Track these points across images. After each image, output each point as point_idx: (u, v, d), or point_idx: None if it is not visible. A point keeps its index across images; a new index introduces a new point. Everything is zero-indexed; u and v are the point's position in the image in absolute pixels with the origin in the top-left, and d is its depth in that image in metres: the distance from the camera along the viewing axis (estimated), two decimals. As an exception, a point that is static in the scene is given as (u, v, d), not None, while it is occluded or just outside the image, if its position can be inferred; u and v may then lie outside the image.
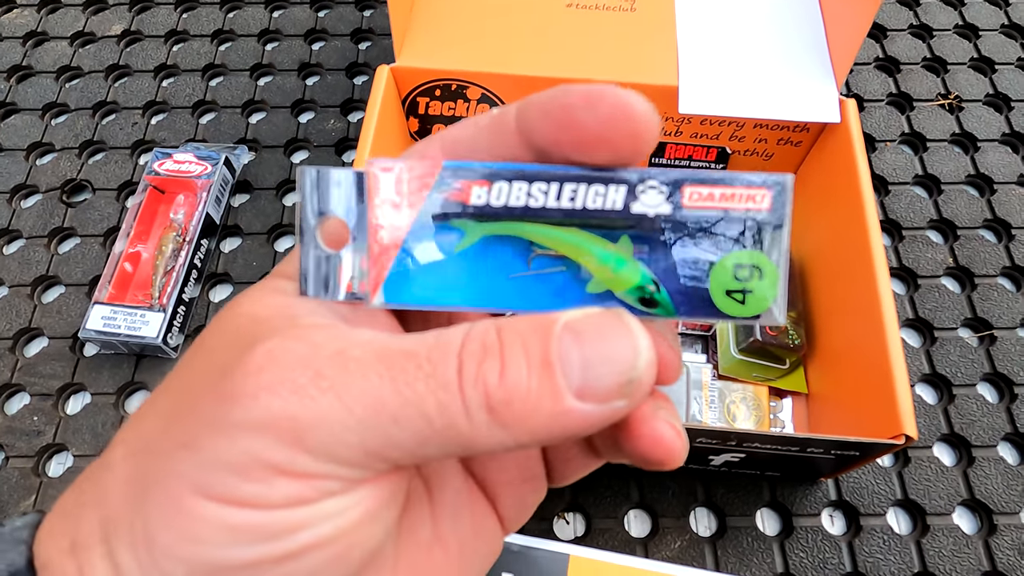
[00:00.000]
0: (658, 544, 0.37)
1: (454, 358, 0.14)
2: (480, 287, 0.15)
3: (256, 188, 0.49)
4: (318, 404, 0.13)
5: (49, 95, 0.53)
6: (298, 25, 0.57)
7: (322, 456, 0.13)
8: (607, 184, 0.15)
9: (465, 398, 0.13)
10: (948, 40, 0.56)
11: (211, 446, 0.13)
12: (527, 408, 0.13)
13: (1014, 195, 0.48)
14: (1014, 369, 0.42)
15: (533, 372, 0.13)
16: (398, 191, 0.15)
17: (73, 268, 0.46)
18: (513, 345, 0.14)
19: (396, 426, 0.13)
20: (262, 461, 0.13)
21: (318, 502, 0.14)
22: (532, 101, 0.15)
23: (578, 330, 0.14)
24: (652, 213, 0.15)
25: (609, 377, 0.14)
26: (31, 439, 0.40)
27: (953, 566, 0.36)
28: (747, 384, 0.41)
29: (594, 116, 0.14)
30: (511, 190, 0.15)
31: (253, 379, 0.13)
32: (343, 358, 0.14)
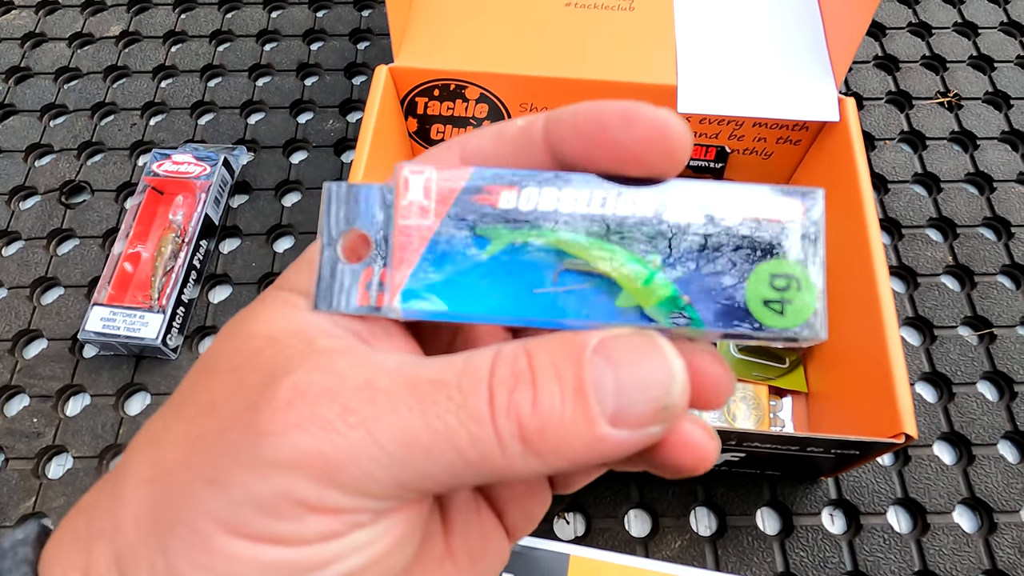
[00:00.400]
0: (658, 544, 0.37)
1: (484, 387, 0.13)
2: (503, 300, 0.15)
3: (255, 189, 0.49)
4: (348, 440, 0.13)
5: (48, 96, 0.53)
6: (296, 25, 0.57)
7: (353, 491, 0.13)
8: (637, 192, 0.15)
9: (498, 429, 0.13)
10: (947, 38, 0.56)
11: (241, 484, 0.13)
12: (561, 437, 0.13)
13: (1013, 193, 0.48)
14: (1014, 367, 0.42)
15: (567, 399, 0.13)
16: (426, 195, 0.15)
17: (72, 269, 0.46)
18: (545, 371, 0.13)
19: (428, 460, 0.13)
20: (293, 499, 0.13)
21: (349, 535, 0.14)
22: (562, 117, 0.15)
23: (611, 353, 0.14)
24: (684, 222, 0.15)
25: (644, 403, 0.13)
26: (31, 441, 0.40)
27: (953, 565, 0.36)
28: (747, 383, 0.41)
29: (630, 135, 0.14)
30: (540, 196, 0.15)
31: (282, 416, 0.13)
32: (371, 390, 0.13)
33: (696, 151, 0.45)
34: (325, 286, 0.15)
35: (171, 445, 0.14)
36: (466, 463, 0.13)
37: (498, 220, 0.15)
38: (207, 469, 0.13)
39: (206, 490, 0.13)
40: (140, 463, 0.14)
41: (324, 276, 0.15)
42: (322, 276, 0.15)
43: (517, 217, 0.15)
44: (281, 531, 0.13)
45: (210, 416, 0.14)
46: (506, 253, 0.15)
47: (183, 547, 0.13)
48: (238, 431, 0.13)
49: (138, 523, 0.13)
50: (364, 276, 0.15)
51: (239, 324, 0.15)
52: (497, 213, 0.15)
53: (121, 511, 0.14)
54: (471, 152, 0.16)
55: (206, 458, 0.13)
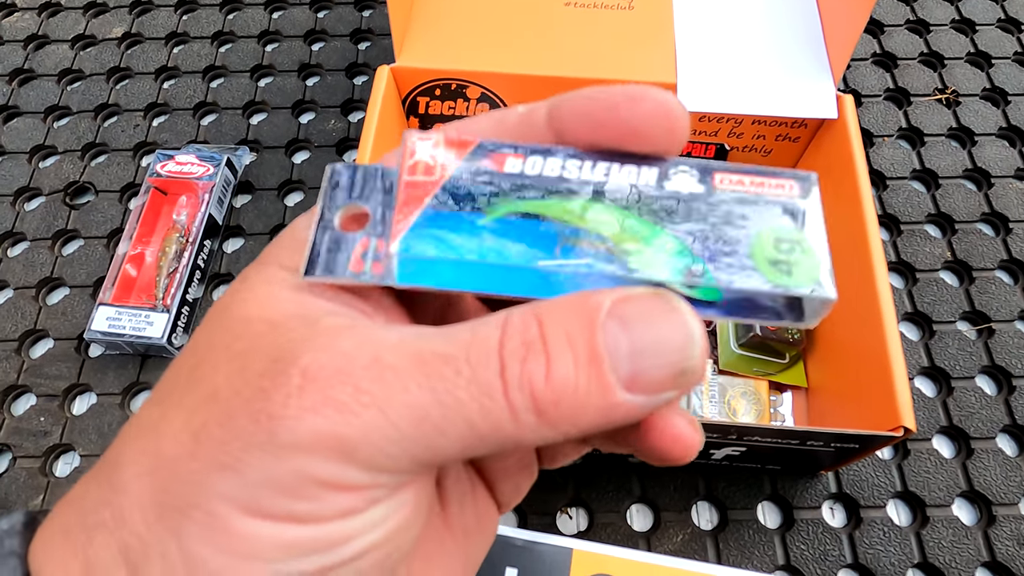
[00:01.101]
0: (660, 538, 0.37)
1: (495, 358, 0.13)
2: (502, 272, 0.14)
3: (258, 189, 0.50)
4: (362, 420, 0.13)
5: (51, 98, 0.54)
6: (298, 26, 0.57)
7: (370, 468, 0.13)
8: (639, 165, 0.15)
9: (511, 402, 0.13)
10: (945, 35, 0.56)
11: (258, 467, 0.13)
12: (576, 405, 0.13)
13: (1011, 189, 0.49)
14: (1012, 361, 0.42)
15: (581, 367, 0.13)
16: (433, 157, 0.15)
17: (77, 270, 0.46)
18: (557, 339, 0.13)
19: (440, 434, 0.13)
20: (312, 479, 0.13)
21: (367, 510, 0.14)
22: (565, 102, 0.16)
23: (625, 316, 0.13)
24: (685, 191, 0.15)
25: (661, 368, 0.13)
26: (38, 440, 0.40)
27: (953, 557, 0.37)
28: (747, 379, 0.41)
29: (635, 113, 0.15)
30: (545, 163, 0.15)
31: (295, 400, 0.13)
32: (379, 367, 0.13)
33: (695, 149, 0.45)
34: (318, 253, 0.15)
35: (171, 435, 0.14)
36: (478, 436, 0.13)
37: (502, 183, 0.15)
38: (217, 455, 0.13)
39: (218, 474, 0.13)
40: (138, 454, 0.14)
41: (318, 243, 0.15)
42: (316, 243, 0.15)
43: (521, 182, 0.15)
44: (301, 510, 0.13)
45: (212, 405, 0.14)
46: (506, 225, 0.15)
47: (198, 530, 0.13)
48: (248, 418, 0.13)
49: (144, 513, 0.13)
50: (360, 246, 0.15)
51: (231, 308, 0.15)
52: (502, 176, 0.15)
53: (122, 502, 0.14)
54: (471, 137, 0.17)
55: (213, 445, 0.13)
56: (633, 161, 0.15)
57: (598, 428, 0.13)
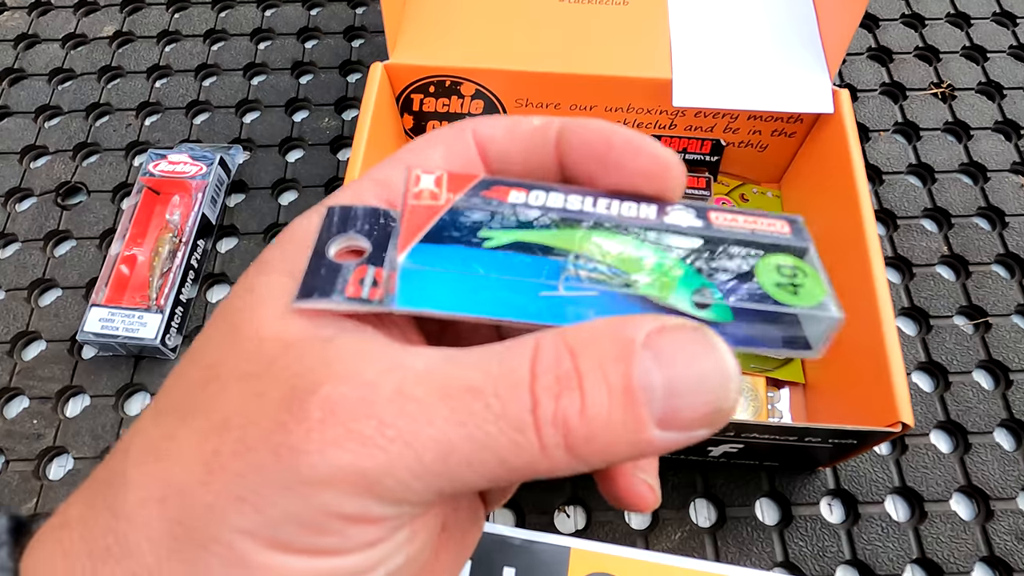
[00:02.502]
0: (658, 536, 0.37)
1: (526, 394, 0.13)
2: (506, 300, 0.14)
3: (252, 188, 0.49)
4: (387, 455, 0.13)
5: (42, 98, 0.53)
6: (290, 23, 0.57)
7: (393, 502, 0.13)
8: (638, 202, 0.16)
9: (543, 438, 0.13)
10: (940, 29, 0.56)
11: (278, 503, 0.13)
12: (608, 441, 0.13)
13: (1007, 183, 0.49)
14: (1009, 356, 0.42)
15: (615, 403, 0.13)
16: (437, 185, 0.16)
17: (69, 271, 0.46)
18: (592, 374, 0.13)
19: (469, 470, 0.13)
20: (336, 514, 0.13)
21: (390, 538, 0.14)
22: (576, 130, 0.16)
23: (661, 351, 0.13)
24: (684, 225, 0.15)
25: (697, 407, 0.13)
26: (31, 442, 0.40)
27: (951, 552, 0.37)
28: (745, 375, 0.41)
29: (634, 164, 0.15)
30: (548, 197, 0.16)
31: (317, 434, 0.13)
32: (403, 399, 0.13)
33: (691, 144, 0.45)
34: (312, 279, 0.15)
35: (181, 461, 0.13)
36: (509, 470, 0.13)
37: (505, 211, 0.15)
38: (233, 487, 0.13)
39: (235, 507, 0.13)
40: (145, 478, 0.14)
41: (312, 270, 0.15)
42: (311, 270, 0.15)
43: (523, 214, 0.15)
44: (326, 544, 0.13)
45: (225, 432, 0.13)
46: (509, 255, 0.15)
47: (218, 564, 0.13)
48: (267, 451, 0.13)
49: (154, 544, 0.13)
50: (356, 273, 0.15)
51: (240, 324, 0.15)
52: (504, 206, 0.15)
53: (128, 531, 0.13)
54: (484, 139, 0.17)
55: (229, 476, 0.13)
56: (632, 199, 0.16)
57: (626, 461, 0.13)
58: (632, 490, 0.16)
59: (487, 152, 0.17)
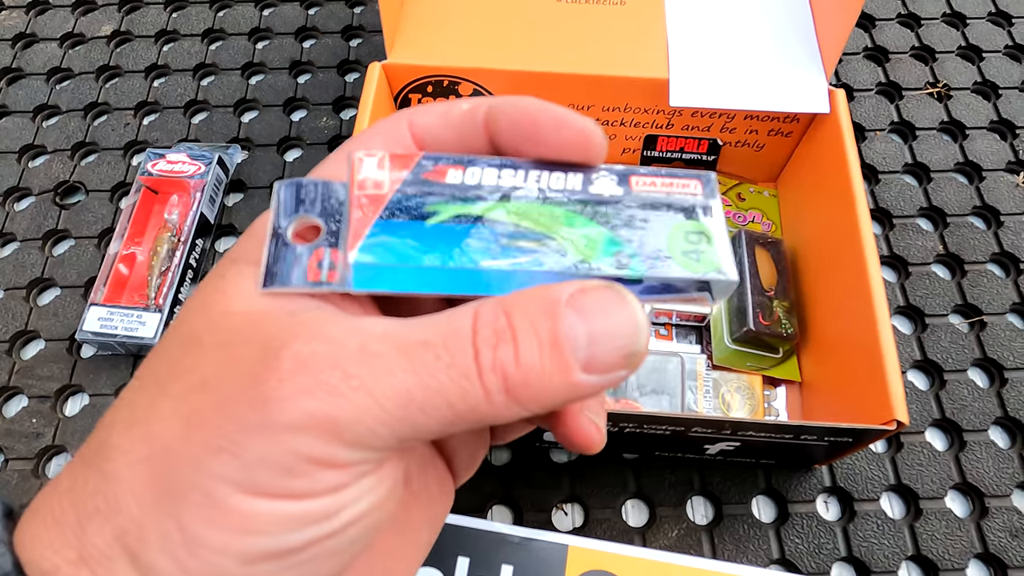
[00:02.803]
0: (655, 533, 0.37)
1: (469, 345, 0.14)
2: (452, 274, 0.16)
3: (250, 187, 0.49)
4: (352, 402, 0.14)
5: (40, 97, 0.53)
6: (288, 23, 0.57)
7: (358, 446, 0.14)
8: (566, 172, 0.17)
9: (485, 384, 0.14)
10: (936, 29, 0.56)
11: (253, 448, 0.14)
12: (541, 385, 0.14)
13: (1002, 182, 0.49)
14: (1004, 354, 0.42)
15: (545, 352, 0.14)
16: (379, 171, 0.17)
17: (68, 270, 0.46)
18: (524, 328, 0.14)
19: (424, 415, 0.14)
20: (306, 457, 0.14)
21: (355, 484, 0.15)
22: (503, 108, 0.17)
23: (582, 306, 0.15)
24: (607, 194, 0.17)
25: (614, 352, 0.15)
26: (30, 441, 0.40)
27: (946, 549, 0.37)
28: (741, 373, 0.41)
29: (558, 137, 0.17)
30: (483, 173, 0.17)
31: (289, 384, 0.14)
32: (366, 354, 0.14)
33: (688, 144, 0.45)
34: (274, 265, 0.16)
35: (162, 422, 0.15)
36: (457, 414, 0.14)
37: (445, 193, 0.17)
38: (212, 439, 0.14)
39: (215, 457, 0.14)
40: (129, 441, 0.15)
41: (272, 257, 0.16)
42: (271, 256, 0.16)
43: (462, 192, 0.17)
44: (296, 486, 0.14)
45: (203, 393, 0.14)
46: (452, 225, 0.16)
47: (198, 511, 0.14)
48: (241, 402, 0.14)
49: (140, 499, 0.14)
50: (314, 256, 0.16)
51: (210, 303, 0.16)
52: (444, 186, 0.17)
53: (116, 489, 0.14)
54: (420, 128, 0.18)
55: (208, 430, 0.14)
56: (561, 168, 0.17)
57: (559, 405, 0.15)
58: (580, 429, 0.18)
59: (423, 141, 0.18)
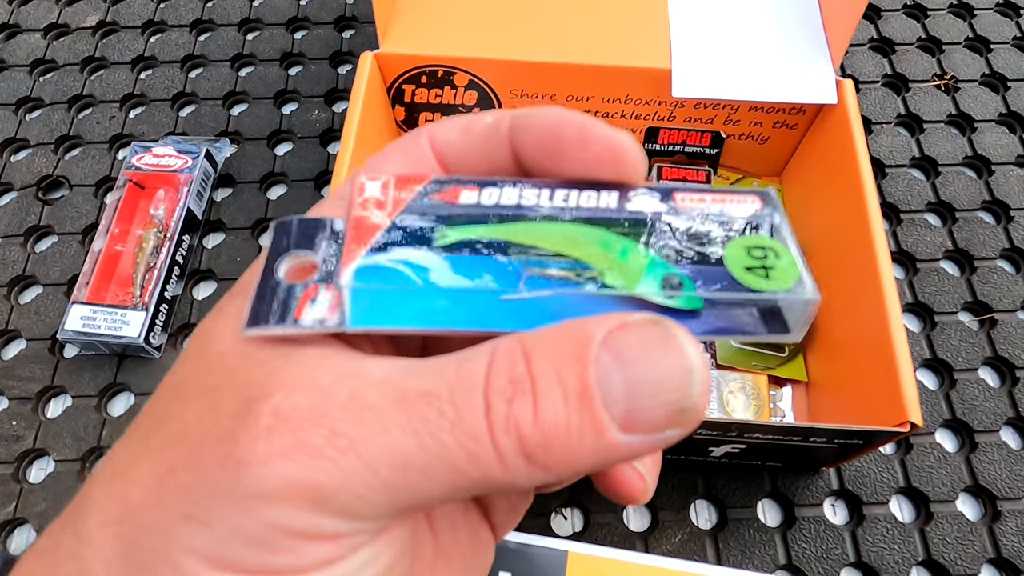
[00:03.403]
0: (658, 538, 0.36)
1: (480, 399, 0.12)
2: (465, 308, 0.13)
3: (239, 182, 0.48)
4: (338, 466, 0.12)
5: (23, 89, 0.52)
6: (279, 13, 0.56)
7: (348, 517, 0.12)
8: (599, 191, 0.15)
9: (498, 446, 0.12)
10: (943, 20, 0.55)
11: (226, 519, 0.12)
12: (567, 448, 0.12)
13: (1012, 176, 0.48)
14: (1015, 352, 0.41)
15: (571, 406, 0.12)
16: (384, 192, 0.14)
17: (51, 267, 0.44)
18: (545, 376, 0.12)
19: (425, 480, 0.12)
20: (285, 530, 0.12)
21: (350, 557, 0.13)
22: (526, 123, 0.15)
23: (619, 348, 0.12)
24: (649, 211, 0.14)
25: (659, 407, 0.12)
26: (10, 444, 0.39)
27: (958, 553, 0.36)
28: (746, 373, 0.40)
29: (584, 155, 0.15)
30: (502, 193, 0.15)
31: (264, 444, 0.12)
32: (357, 407, 0.12)
33: (691, 137, 0.44)
34: (259, 305, 0.14)
35: (137, 480, 0.13)
36: (467, 480, 0.12)
37: (458, 215, 0.14)
38: (182, 504, 0.12)
39: (184, 526, 0.12)
40: (104, 500, 0.13)
41: (259, 295, 0.14)
42: (259, 294, 0.14)
43: (478, 212, 0.14)
44: (276, 563, 0.12)
45: (180, 446, 0.13)
46: (466, 253, 0.14)
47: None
48: (214, 462, 0.12)
49: (109, 567, 0.12)
50: (306, 294, 0.14)
51: (206, 342, 0.14)
52: (457, 207, 0.14)
53: (87, 554, 0.13)
54: (441, 144, 0.16)
55: (179, 492, 0.12)
56: (593, 187, 0.15)
57: (594, 469, 0.13)
58: (621, 478, 0.16)
59: (444, 157, 0.16)
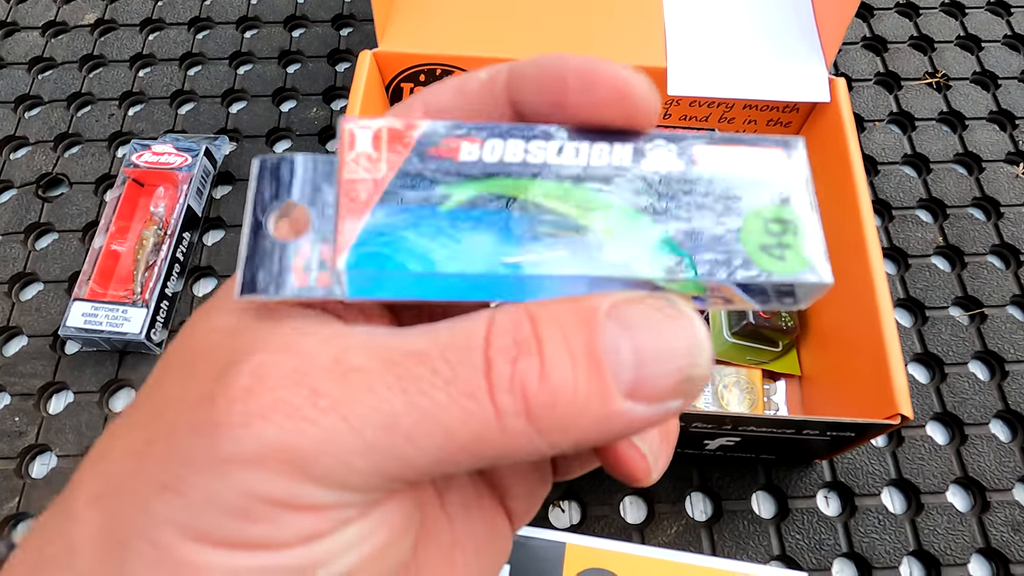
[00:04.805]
0: (654, 530, 0.37)
1: (480, 356, 0.11)
2: (467, 274, 0.13)
3: (238, 179, 0.48)
4: (320, 428, 0.11)
5: (21, 87, 0.52)
6: (277, 11, 0.56)
7: (332, 485, 0.12)
8: (612, 142, 0.13)
9: (498, 405, 0.11)
10: (935, 18, 0.56)
11: (200, 486, 0.11)
12: (572, 412, 0.11)
13: (1002, 173, 0.48)
14: (1005, 346, 0.42)
15: (579, 369, 0.11)
16: (376, 147, 0.13)
17: (51, 264, 0.45)
18: (553, 338, 0.12)
19: (413, 444, 0.11)
20: (264, 498, 0.11)
21: (336, 532, 0.12)
22: (525, 72, 0.14)
23: (627, 318, 0.12)
24: (664, 171, 0.13)
25: (667, 375, 0.12)
26: (13, 440, 0.39)
27: (948, 544, 0.36)
28: (740, 367, 0.40)
29: (590, 98, 0.13)
30: (506, 147, 0.13)
31: (240, 405, 0.11)
32: (342, 368, 0.12)
33: (686, 134, 0.44)
34: (252, 268, 0.13)
35: (119, 455, 0.12)
36: (458, 446, 0.11)
37: (459, 173, 0.13)
38: (158, 473, 0.12)
39: (159, 496, 0.11)
40: (89, 478, 0.13)
41: (251, 257, 0.13)
42: (249, 257, 0.13)
43: (481, 170, 0.13)
44: (256, 534, 0.11)
45: (159, 418, 0.12)
46: (469, 212, 0.13)
47: (143, 564, 0.11)
48: (189, 427, 0.12)
49: (93, 544, 0.12)
50: (301, 255, 0.13)
51: (200, 317, 0.14)
52: (458, 165, 0.13)
53: (73, 532, 0.12)
54: (434, 109, 0.15)
55: (156, 462, 0.12)
56: (604, 138, 0.14)
57: (591, 442, 0.12)
58: (623, 454, 0.15)
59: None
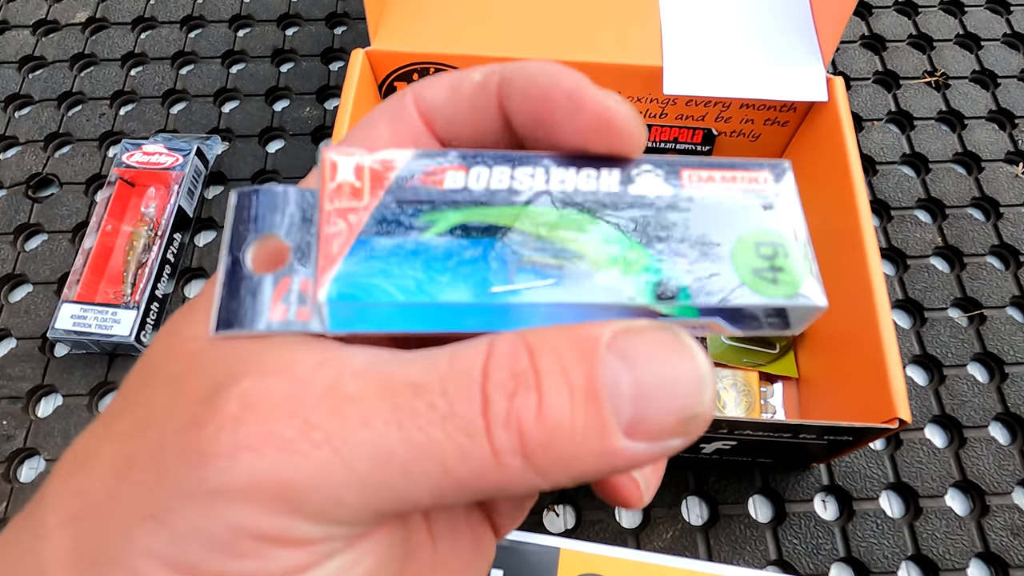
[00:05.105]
0: (650, 535, 0.36)
1: (477, 391, 0.11)
2: (453, 304, 0.12)
3: (230, 179, 0.48)
4: (311, 462, 0.11)
5: (11, 86, 0.51)
6: (270, 10, 0.55)
7: (321, 520, 0.11)
8: (599, 168, 0.13)
9: (494, 443, 0.11)
10: (933, 17, 0.55)
11: (185, 518, 0.11)
12: (569, 450, 0.11)
13: (1001, 172, 0.48)
14: (1004, 348, 0.41)
15: (577, 405, 0.11)
16: (358, 176, 0.13)
17: (40, 265, 0.44)
18: (551, 372, 0.11)
19: (408, 480, 0.11)
20: (251, 532, 0.11)
21: (322, 565, 0.12)
22: (514, 80, 0.14)
23: (627, 351, 0.12)
24: (652, 196, 0.13)
25: (668, 413, 0.12)
26: (1, 444, 0.39)
27: (947, 548, 0.36)
28: (737, 370, 0.40)
29: (574, 124, 0.13)
30: (491, 175, 0.13)
31: (229, 435, 0.11)
32: (336, 398, 0.11)
33: (682, 134, 0.44)
34: (228, 303, 0.13)
35: (98, 472, 0.12)
36: (455, 483, 0.11)
37: (444, 202, 0.13)
38: (141, 500, 0.11)
39: (142, 526, 0.11)
40: (63, 494, 0.12)
41: (229, 292, 0.13)
42: (226, 293, 0.13)
43: (466, 198, 0.13)
44: (240, 569, 0.11)
45: (143, 435, 0.12)
46: (455, 242, 0.13)
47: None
48: (176, 453, 0.11)
49: (63, 566, 0.11)
50: (280, 288, 0.13)
51: (179, 324, 0.13)
52: (443, 194, 0.13)
53: (45, 552, 0.12)
54: (427, 105, 0.15)
55: (139, 487, 0.11)
56: (591, 164, 0.14)
57: (589, 478, 0.12)
58: (615, 481, 0.15)
59: (432, 121, 0.15)
